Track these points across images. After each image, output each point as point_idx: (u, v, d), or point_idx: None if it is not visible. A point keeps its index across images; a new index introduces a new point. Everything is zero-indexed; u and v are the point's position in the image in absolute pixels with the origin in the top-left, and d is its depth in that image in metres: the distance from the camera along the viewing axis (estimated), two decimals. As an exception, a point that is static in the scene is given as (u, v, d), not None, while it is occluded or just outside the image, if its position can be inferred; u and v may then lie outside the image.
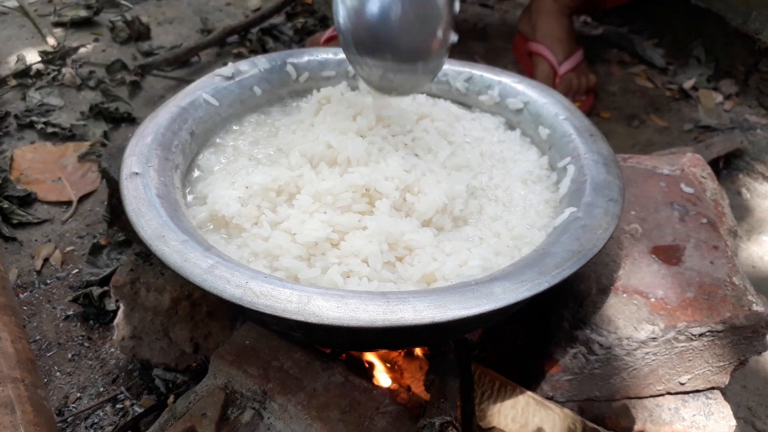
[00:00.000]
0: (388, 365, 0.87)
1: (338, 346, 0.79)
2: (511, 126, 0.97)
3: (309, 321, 0.58)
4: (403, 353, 0.88)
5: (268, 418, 0.71)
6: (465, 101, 1.01)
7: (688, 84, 1.92)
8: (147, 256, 1.10)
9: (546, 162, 0.88)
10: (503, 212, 0.79)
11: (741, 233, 1.47)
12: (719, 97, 1.88)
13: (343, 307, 0.58)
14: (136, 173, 0.75)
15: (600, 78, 1.95)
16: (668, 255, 0.89)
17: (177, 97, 0.91)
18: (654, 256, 0.89)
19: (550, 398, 0.89)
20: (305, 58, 1.01)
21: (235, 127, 0.94)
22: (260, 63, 0.99)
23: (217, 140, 0.92)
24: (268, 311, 0.58)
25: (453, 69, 1.02)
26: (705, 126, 1.78)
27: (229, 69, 0.96)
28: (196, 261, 0.63)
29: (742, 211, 1.53)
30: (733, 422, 0.92)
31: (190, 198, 0.81)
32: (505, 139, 0.92)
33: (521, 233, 0.75)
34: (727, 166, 1.63)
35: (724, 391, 0.95)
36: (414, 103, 0.91)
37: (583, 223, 0.70)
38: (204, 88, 0.93)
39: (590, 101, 1.82)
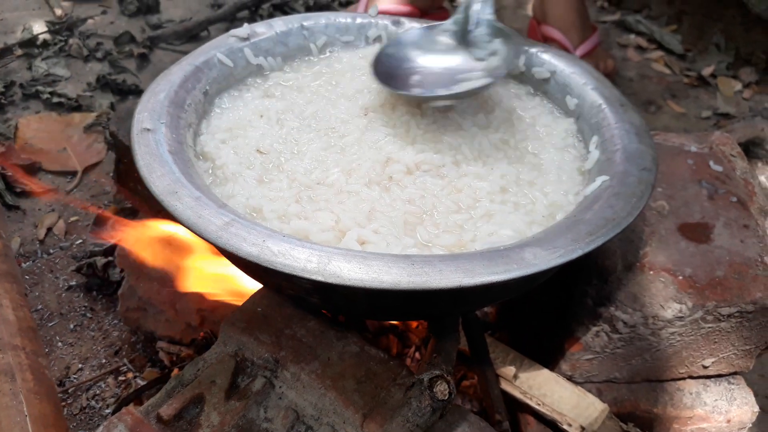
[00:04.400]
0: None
1: (356, 314, 0.75)
2: (537, 95, 0.93)
3: (329, 282, 0.55)
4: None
5: (280, 387, 0.68)
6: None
7: (706, 71, 1.88)
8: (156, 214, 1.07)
9: (575, 130, 0.84)
10: (538, 178, 0.75)
11: (760, 221, 1.44)
12: (738, 85, 1.84)
13: (365, 269, 0.55)
14: (148, 129, 0.72)
15: (617, 63, 1.91)
16: (696, 233, 0.85)
17: (191, 56, 0.87)
18: (681, 233, 0.85)
19: (569, 378, 0.86)
20: (323, 22, 0.98)
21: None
22: (276, 25, 0.95)
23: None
24: (286, 270, 0.55)
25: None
26: (723, 114, 1.75)
27: (244, 30, 0.93)
28: (210, 218, 0.59)
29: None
30: (757, 408, 0.89)
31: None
32: (535, 105, 0.89)
33: (556, 200, 0.72)
34: (746, 154, 1.59)
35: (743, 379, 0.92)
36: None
37: (616, 191, 0.67)
38: (218, 48, 0.90)
39: (607, 86, 1.78)
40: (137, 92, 1.70)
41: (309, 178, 0.74)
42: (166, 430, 0.64)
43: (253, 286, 0.81)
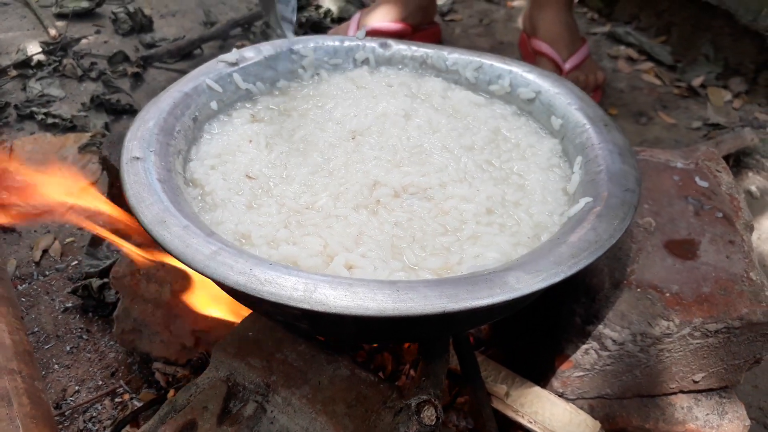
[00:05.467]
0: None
1: (344, 338, 0.76)
2: (523, 115, 0.94)
3: (316, 309, 0.55)
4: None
5: (272, 411, 0.69)
6: (475, 91, 0.99)
7: (696, 81, 1.90)
8: (148, 246, 1.08)
9: (560, 150, 0.85)
10: (523, 198, 0.77)
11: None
12: (728, 95, 1.85)
13: (351, 296, 0.56)
14: (137, 158, 0.73)
15: (607, 75, 1.93)
16: (683, 249, 0.86)
17: (180, 83, 0.88)
18: (668, 250, 0.86)
19: (560, 395, 0.87)
20: (311, 45, 0.99)
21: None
22: (265, 50, 0.97)
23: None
24: (272, 299, 0.56)
25: (463, 58, 1.00)
26: (714, 124, 1.76)
27: (233, 55, 0.94)
28: (198, 247, 0.60)
29: (751, 209, 1.51)
30: (748, 422, 0.90)
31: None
32: (521, 125, 0.90)
33: (541, 220, 0.73)
34: (736, 165, 1.61)
35: (736, 391, 0.93)
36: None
37: (599, 213, 0.68)
38: (207, 74, 0.91)
39: (597, 98, 1.79)
40: (131, 112, 1.72)
41: (297, 202, 0.75)
42: (159, 457, 0.64)
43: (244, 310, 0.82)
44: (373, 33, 1.76)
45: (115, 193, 1.11)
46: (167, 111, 0.83)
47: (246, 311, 0.85)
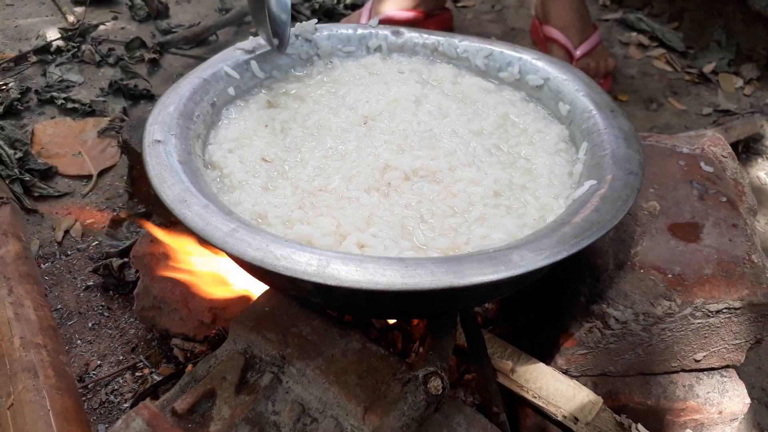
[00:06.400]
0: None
1: (356, 313, 0.80)
2: (531, 101, 0.97)
3: (328, 283, 0.59)
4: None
5: (287, 382, 0.73)
6: (485, 77, 1.01)
7: (707, 68, 1.90)
8: (167, 226, 1.12)
9: (568, 135, 0.88)
10: (530, 182, 0.79)
11: (758, 217, 1.46)
12: (740, 82, 1.86)
13: (362, 271, 0.59)
14: (159, 141, 0.76)
15: (618, 61, 1.94)
16: (686, 232, 0.88)
17: (198, 69, 0.91)
18: (672, 233, 0.88)
19: (564, 372, 0.89)
20: (325, 33, 1.02)
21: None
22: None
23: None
24: (288, 273, 0.59)
25: (473, 45, 1.02)
26: (724, 110, 1.77)
27: (249, 43, 0.97)
28: (217, 224, 0.64)
29: (759, 195, 1.52)
30: (748, 400, 0.92)
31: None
32: (529, 111, 0.92)
33: (547, 203, 0.75)
34: (746, 151, 1.61)
35: (739, 372, 0.95)
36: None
37: (603, 194, 0.70)
38: (225, 61, 0.94)
39: (608, 84, 1.80)
40: (149, 97, 1.75)
41: (311, 185, 0.78)
42: (181, 423, 0.68)
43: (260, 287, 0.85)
44: (386, 21, 1.78)
45: (135, 176, 1.15)
46: (187, 96, 0.86)
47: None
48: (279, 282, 0.70)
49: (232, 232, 0.63)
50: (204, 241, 0.63)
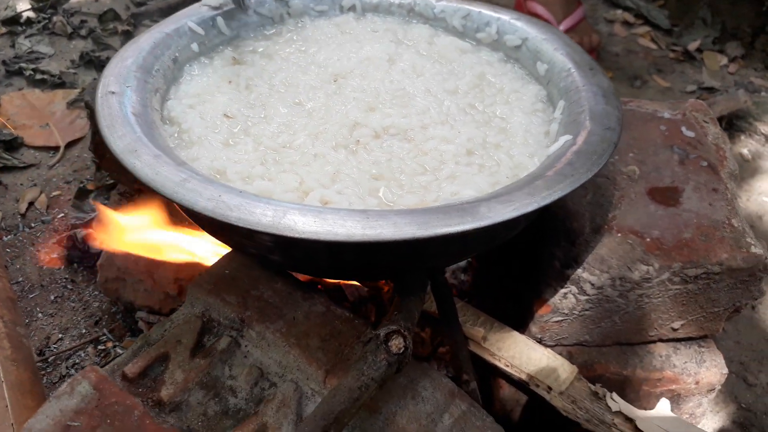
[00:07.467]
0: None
1: (317, 272, 0.76)
2: (509, 62, 0.93)
3: (284, 234, 0.55)
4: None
5: (245, 345, 0.69)
6: (462, 38, 0.97)
7: (692, 46, 1.88)
8: (132, 195, 1.08)
9: (545, 95, 0.84)
10: (504, 141, 0.76)
11: (740, 193, 1.44)
12: (724, 60, 1.84)
13: (320, 222, 0.56)
14: (113, 92, 0.72)
15: (603, 38, 1.91)
16: (666, 196, 0.86)
17: (161, 24, 0.87)
18: (651, 197, 0.86)
19: (539, 341, 0.87)
20: (296, -10, 0.97)
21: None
22: (249, -6, 0.95)
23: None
24: (240, 224, 0.55)
25: (450, 6, 0.98)
26: (708, 88, 1.75)
27: (216, -1, 0.92)
28: (168, 174, 0.60)
29: (742, 171, 1.50)
30: (725, 370, 0.90)
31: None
32: (506, 71, 0.89)
33: (522, 161, 0.72)
34: (729, 128, 1.59)
35: (718, 345, 0.93)
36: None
37: (577, 149, 0.67)
38: (190, 17, 0.90)
39: (592, 60, 1.77)
40: (121, 69, 1.70)
41: (275, 141, 0.74)
42: (131, 388, 0.64)
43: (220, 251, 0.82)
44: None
45: (99, 141, 1.10)
46: (147, 50, 0.81)
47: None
48: (234, 238, 0.66)
49: (183, 182, 0.59)
50: (154, 192, 0.59)
